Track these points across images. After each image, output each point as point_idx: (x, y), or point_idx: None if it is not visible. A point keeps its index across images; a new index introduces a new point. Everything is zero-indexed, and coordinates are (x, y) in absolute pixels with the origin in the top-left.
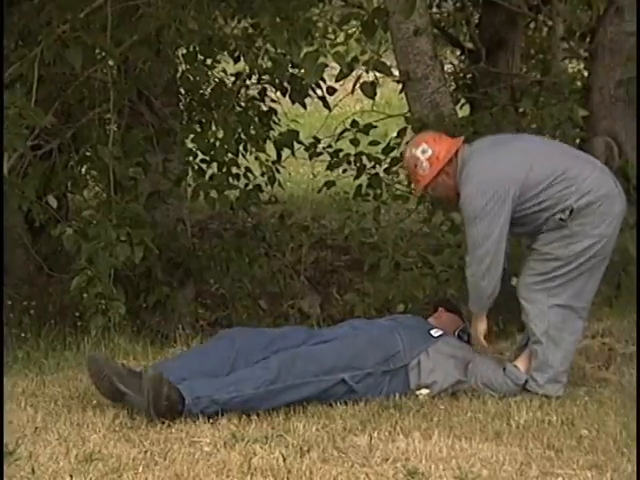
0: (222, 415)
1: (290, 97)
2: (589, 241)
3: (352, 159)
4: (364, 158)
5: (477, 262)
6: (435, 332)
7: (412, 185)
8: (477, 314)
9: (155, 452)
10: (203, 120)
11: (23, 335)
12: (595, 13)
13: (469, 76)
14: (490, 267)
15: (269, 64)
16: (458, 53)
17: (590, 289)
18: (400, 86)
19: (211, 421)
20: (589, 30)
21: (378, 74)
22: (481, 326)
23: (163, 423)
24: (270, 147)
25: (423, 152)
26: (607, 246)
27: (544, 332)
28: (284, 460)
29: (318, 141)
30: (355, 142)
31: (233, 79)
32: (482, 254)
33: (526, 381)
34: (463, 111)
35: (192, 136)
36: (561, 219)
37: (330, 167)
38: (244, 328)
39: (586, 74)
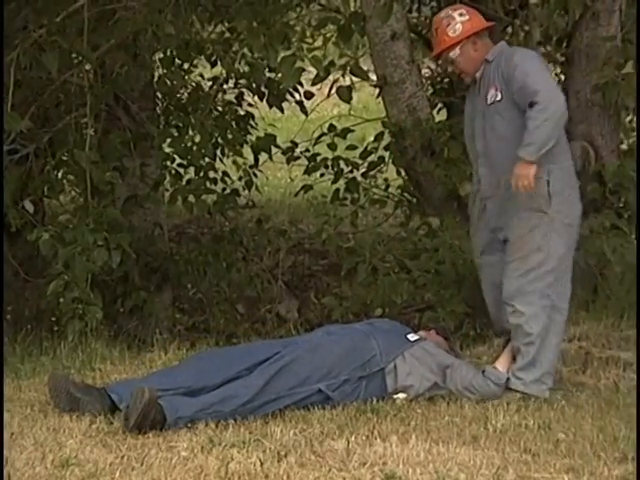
0: (200, 419)
1: (267, 101)
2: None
3: (329, 163)
4: (341, 162)
5: (555, 108)
6: (412, 336)
7: (434, 46)
8: (529, 159)
9: (132, 457)
10: (180, 124)
11: None
12: (571, 18)
13: (446, 80)
14: (563, 115)
15: (246, 68)
16: None
17: (569, 288)
18: (377, 90)
19: (188, 426)
20: (565, 35)
21: (355, 78)
22: (531, 171)
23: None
24: (247, 151)
25: (461, 15)
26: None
27: (539, 334)
28: (261, 465)
29: (295, 145)
30: (332, 146)
31: (210, 83)
32: (559, 103)
33: (507, 379)
34: (440, 115)
35: (169, 140)
36: None
37: (308, 171)
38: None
39: (563, 78)
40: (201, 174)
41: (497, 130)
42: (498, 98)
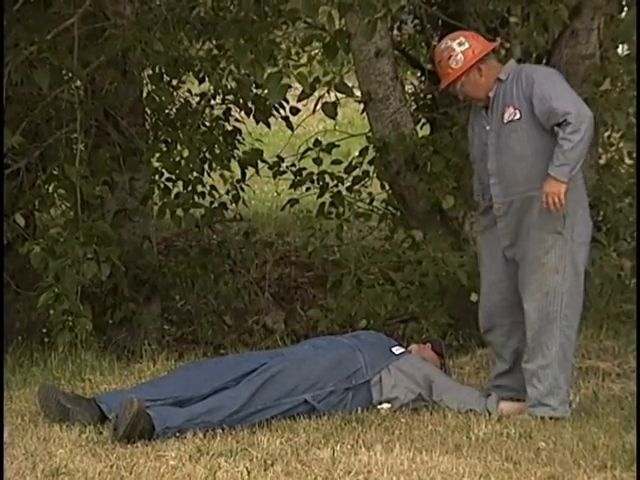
0: (187, 429)
1: (254, 117)
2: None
3: (315, 178)
4: (327, 177)
5: (587, 127)
6: (396, 350)
7: (441, 79)
8: (563, 179)
9: (121, 466)
10: (169, 139)
11: None
12: (551, 36)
13: (429, 96)
14: (591, 135)
15: (233, 84)
16: (418, 74)
17: (581, 304)
18: (362, 106)
19: (177, 435)
20: (545, 52)
21: (340, 94)
22: (563, 189)
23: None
24: (235, 166)
25: (460, 44)
26: None
27: (556, 354)
28: (248, 473)
29: (282, 160)
30: (318, 161)
31: (198, 99)
32: (590, 119)
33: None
34: (424, 131)
35: (158, 155)
36: None
37: (294, 185)
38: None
39: None
40: (189, 188)
41: (514, 149)
42: (517, 117)
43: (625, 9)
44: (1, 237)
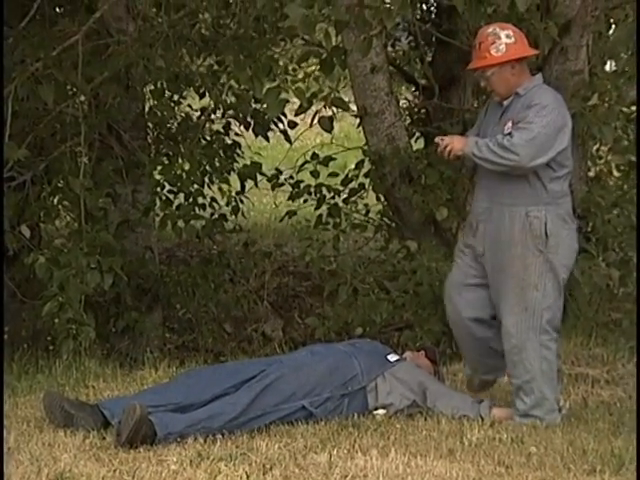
0: (188, 435)
1: (253, 131)
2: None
3: (312, 190)
4: (324, 189)
5: (510, 164)
6: (392, 357)
7: (474, 59)
8: (467, 150)
9: (124, 471)
10: (170, 153)
11: None
12: (541, 53)
13: (423, 111)
14: (538, 154)
15: (233, 99)
16: (413, 89)
17: (560, 316)
18: (358, 120)
19: (178, 440)
20: (535, 68)
21: (336, 109)
22: (458, 148)
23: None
24: (234, 178)
25: (507, 37)
26: None
27: (539, 367)
28: (248, 478)
29: (280, 173)
30: (315, 174)
31: (199, 114)
32: (520, 169)
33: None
34: (418, 144)
35: (160, 168)
36: None
37: (292, 197)
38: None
39: None
40: (190, 200)
41: None
42: (509, 132)
43: (612, 27)
44: (1, 246)
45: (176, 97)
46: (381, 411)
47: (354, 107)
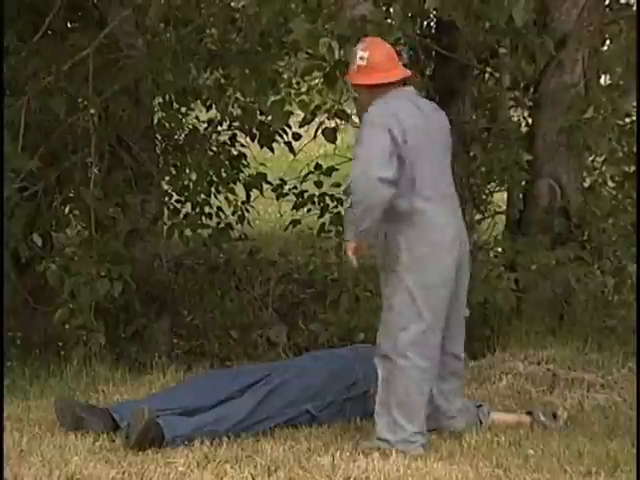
0: (195, 438)
1: (259, 142)
2: None
3: (316, 199)
4: (327, 198)
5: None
6: None
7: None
8: (358, 239)
9: (133, 472)
10: (178, 163)
11: (9, 364)
12: (538, 66)
13: None
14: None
15: (239, 112)
16: None
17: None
18: None
19: (185, 443)
20: (533, 81)
21: (339, 121)
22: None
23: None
24: (240, 188)
25: (361, 58)
26: None
27: (392, 393)
28: (253, 479)
29: (284, 183)
30: (319, 184)
31: (205, 126)
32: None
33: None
34: None
35: (168, 178)
36: None
37: (296, 207)
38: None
39: (530, 121)
40: (197, 209)
41: None
42: None
43: (607, 42)
44: (1, 253)
45: (184, 109)
46: None
47: (356, 119)
